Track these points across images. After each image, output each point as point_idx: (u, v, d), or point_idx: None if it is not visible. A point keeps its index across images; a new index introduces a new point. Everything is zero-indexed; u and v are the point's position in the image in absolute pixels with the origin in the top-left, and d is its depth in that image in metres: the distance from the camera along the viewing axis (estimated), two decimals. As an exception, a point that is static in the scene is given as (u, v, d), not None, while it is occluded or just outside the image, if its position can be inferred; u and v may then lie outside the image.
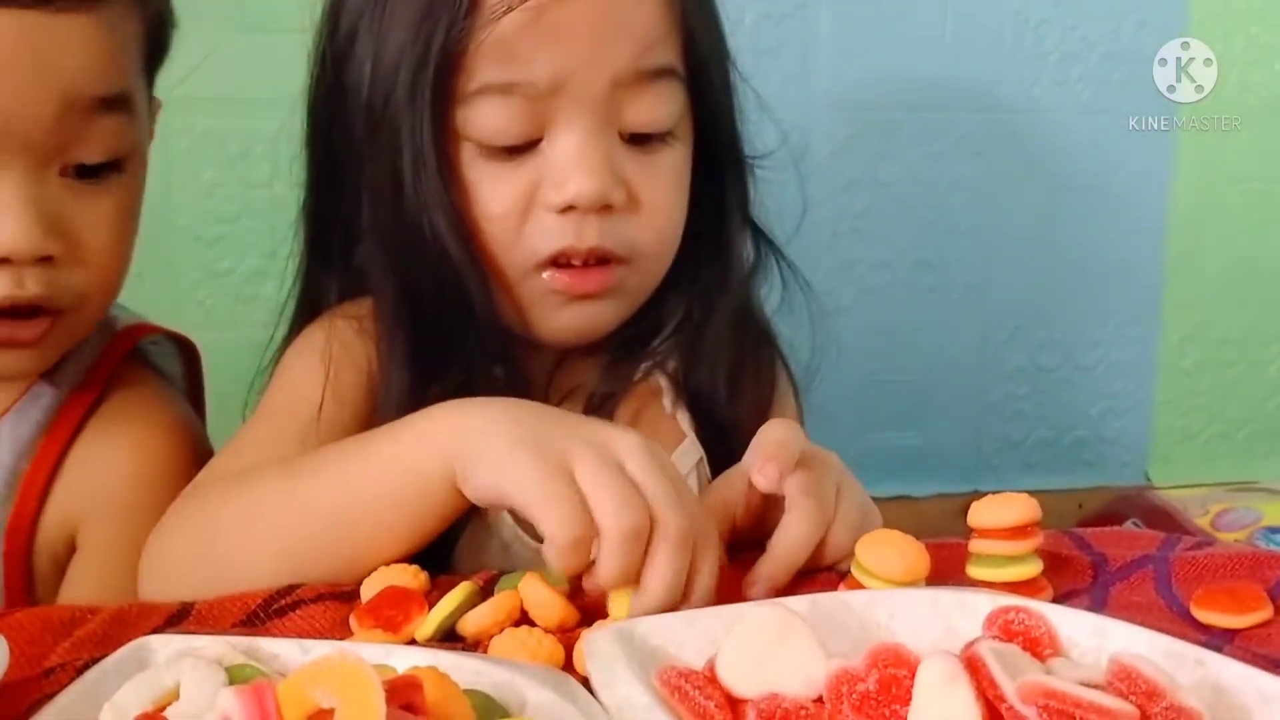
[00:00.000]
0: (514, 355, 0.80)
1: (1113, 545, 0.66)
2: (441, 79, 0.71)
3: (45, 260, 0.68)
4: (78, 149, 0.69)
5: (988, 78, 1.36)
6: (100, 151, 0.70)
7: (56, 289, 0.70)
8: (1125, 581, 0.62)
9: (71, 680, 0.47)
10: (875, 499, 0.70)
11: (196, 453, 0.81)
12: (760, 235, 0.87)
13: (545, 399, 0.80)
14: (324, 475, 0.65)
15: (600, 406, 0.80)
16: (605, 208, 0.73)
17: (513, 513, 0.73)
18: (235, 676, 0.44)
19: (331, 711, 0.38)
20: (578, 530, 0.55)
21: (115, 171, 0.72)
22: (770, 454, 0.63)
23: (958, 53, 1.34)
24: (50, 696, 0.45)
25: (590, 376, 0.82)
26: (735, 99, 0.84)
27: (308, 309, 0.84)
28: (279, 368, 0.81)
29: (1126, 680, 0.43)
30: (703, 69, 0.79)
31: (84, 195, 0.70)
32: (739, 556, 0.64)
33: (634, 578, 0.56)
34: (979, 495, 0.60)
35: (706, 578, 0.57)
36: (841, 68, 1.33)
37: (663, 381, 0.84)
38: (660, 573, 0.55)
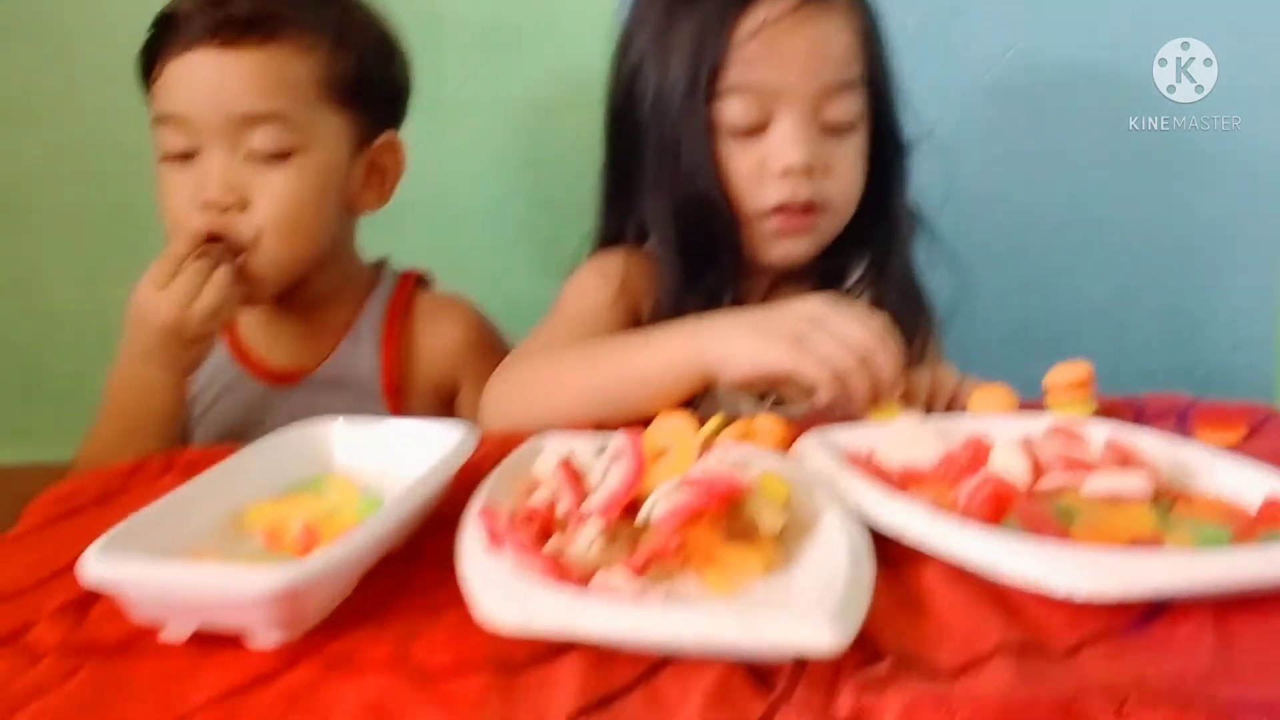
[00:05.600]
0: (739, 285, 1.13)
1: (1155, 402, 0.91)
2: (709, 86, 1.05)
3: (228, 209, 1.07)
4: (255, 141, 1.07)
5: (1142, 67, 1.45)
6: (266, 144, 1.08)
7: (232, 230, 1.08)
8: (1153, 423, 0.87)
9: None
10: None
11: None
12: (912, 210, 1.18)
13: None
14: (611, 358, 0.94)
15: None
16: (809, 171, 1.06)
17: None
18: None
19: (666, 450, 0.68)
20: (829, 372, 0.86)
21: (280, 160, 1.08)
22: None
23: (1107, 43, 1.45)
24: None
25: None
26: (898, 99, 1.15)
27: (601, 245, 1.19)
28: (574, 280, 1.15)
29: (1114, 450, 0.72)
30: (877, 78, 1.11)
31: (259, 171, 1.08)
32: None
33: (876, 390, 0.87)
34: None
35: (888, 366, 0.87)
36: (990, 59, 1.48)
37: None
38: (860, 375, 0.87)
